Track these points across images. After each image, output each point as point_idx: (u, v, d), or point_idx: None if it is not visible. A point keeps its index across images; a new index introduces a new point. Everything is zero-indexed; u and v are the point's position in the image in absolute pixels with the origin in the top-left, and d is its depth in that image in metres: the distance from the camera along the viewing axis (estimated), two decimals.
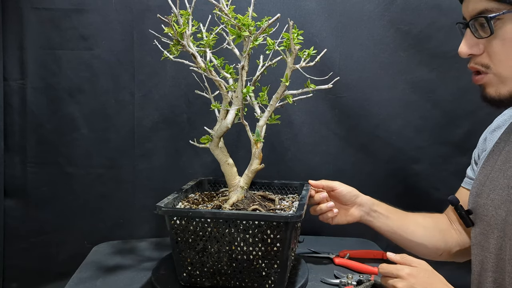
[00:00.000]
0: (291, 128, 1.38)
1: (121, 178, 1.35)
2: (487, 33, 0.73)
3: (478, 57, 0.77)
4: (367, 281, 0.99)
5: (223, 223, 0.87)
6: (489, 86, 0.77)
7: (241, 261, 0.89)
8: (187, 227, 0.88)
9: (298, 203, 1.01)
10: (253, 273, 0.90)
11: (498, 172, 0.83)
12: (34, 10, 1.28)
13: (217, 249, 0.89)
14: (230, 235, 0.88)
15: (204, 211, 0.88)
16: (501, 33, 0.72)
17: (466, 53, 0.77)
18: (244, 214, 0.90)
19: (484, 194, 0.85)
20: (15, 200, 1.33)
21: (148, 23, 1.26)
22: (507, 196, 0.79)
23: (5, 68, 1.30)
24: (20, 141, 1.32)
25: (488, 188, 0.85)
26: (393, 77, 1.36)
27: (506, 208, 0.79)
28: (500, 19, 0.71)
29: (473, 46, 0.76)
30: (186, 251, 0.90)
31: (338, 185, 1.09)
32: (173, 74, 1.32)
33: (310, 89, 0.94)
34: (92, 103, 1.32)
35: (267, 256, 0.88)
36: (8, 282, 1.35)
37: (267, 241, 0.87)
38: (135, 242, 1.31)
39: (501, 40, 0.72)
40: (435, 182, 1.38)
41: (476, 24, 0.74)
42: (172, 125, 1.35)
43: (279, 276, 0.89)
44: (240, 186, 0.99)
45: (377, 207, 1.08)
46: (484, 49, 0.75)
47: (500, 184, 0.82)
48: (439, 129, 1.38)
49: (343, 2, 1.33)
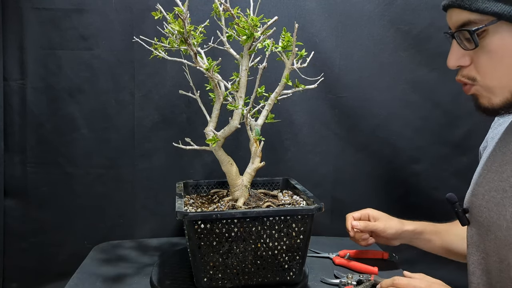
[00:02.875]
0: (291, 128, 1.38)
1: (121, 178, 1.35)
2: (472, 46, 0.72)
3: (465, 68, 0.76)
4: (367, 281, 0.99)
5: (249, 221, 0.88)
6: (481, 97, 0.76)
7: (265, 257, 0.91)
8: (212, 230, 0.87)
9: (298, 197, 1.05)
10: (276, 268, 0.92)
11: (494, 173, 0.83)
12: (34, 10, 1.28)
13: (242, 249, 0.89)
14: (256, 233, 0.89)
15: (234, 212, 0.88)
16: (485, 45, 0.71)
17: (454, 65, 0.76)
18: (273, 211, 0.91)
19: (479, 195, 0.85)
20: (15, 200, 1.33)
21: (148, 23, 1.26)
22: (500, 199, 0.79)
23: (5, 68, 1.30)
24: (20, 141, 1.32)
25: (483, 189, 0.84)
26: (393, 77, 1.36)
27: (499, 211, 0.78)
28: (485, 30, 0.70)
29: (460, 58, 0.75)
30: (209, 255, 0.88)
31: (382, 227, 1.07)
32: (173, 74, 1.32)
33: (300, 89, 0.97)
34: (92, 103, 1.32)
35: (291, 249, 0.91)
36: (8, 282, 1.34)
37: (292, 234, 0.91)
38: (135, 242, 1.31)
39: (487, 52, 0.71)
40: (435, 182, 1.38)
41: (461, 36, 0.73)
42: (172, 125, 1.35)
43: (299, 267, 0.94)
44: (244, 185, 1.00)
45: (419, 235, 1.07)
46: (471, 60, 0.74)
47: (495, 186, 0.81)
48: (439, 129, 1.38)
49: (343, 2, 1.33)
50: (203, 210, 0.97)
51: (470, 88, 0.76)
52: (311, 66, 1.33)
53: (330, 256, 1.17)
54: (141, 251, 1.23)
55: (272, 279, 0.93)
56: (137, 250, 1.24)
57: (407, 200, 1.39)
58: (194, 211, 0.93)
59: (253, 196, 1.00)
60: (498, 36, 0.69)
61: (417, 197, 1.39)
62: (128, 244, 1.29)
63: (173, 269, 1.05)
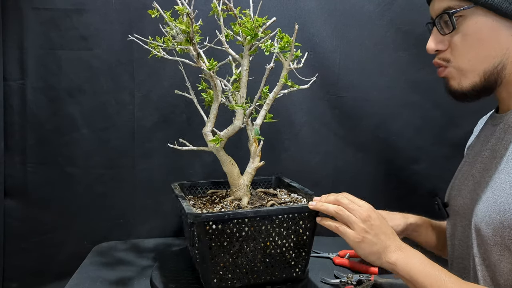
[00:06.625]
0: (291, 128, 1.38)
1: (121, 178, 1.35)
2: (450, 29, 0.77)
3: (442, 52, 0.81)
4: (367, 281, 0.99)
5: (260, 220, 0.89)
6: (452, 79, 0.81)
7: (274, 255, 0.92)
8: (223, 231, 0.87)
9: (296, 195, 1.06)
10: (284, 265, 0.93)
11: (468, 165, 0.87)
12: (34, 10, 1.28)
13: (252, 248, 0.90)
14: (266, 232, 0.90)
15: (246, 211, 0.88)
16: (462, 28, 0.76)
17: (433, 49, 0.81)
18: (283, 209, 0.91)
19: (455, 186, 0.89)
20: (15, 200, 1.33)
21: (148, 23, 1.26)
22: (472, 185, 0.82)
23: (5, 68, 1.30)
24: (20, 141, 1.32)
25: (458, 181, 0.88)
26: (393, 77, 1.36)
27: (471, 196, 0.81)
28: (462, 15, 0.76)
29: (439, 43, 0.80)
30: (219, 256, 0.88)
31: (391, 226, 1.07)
32: (172, 74, 1.32)
33: (294, 89, 0.98)
34: (92, 103, 1.32)
35: (297, 246, 0.93)
36: (8, 282, 1.34)
37: (299, 231, 0.92)
38: (135, 242, 1.31)
39: (462, 35, 0.77)
40: (435, 182, 1.38)
41: (441, 22, 0.79)
42: (172, 125, 1.35)
43: (305, 263, 0.96)
44: (245, 184, 1.01)
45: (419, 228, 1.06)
46: (448, 45, 0.80)
47: (467, 175, 0.85)
48: (439, 129, 1.38)
49: (343, 2, 1.33)
50: (208, 211, 0.97)
51: (444, 70, 0.82)
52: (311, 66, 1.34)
53: (330, 256, 1.17)
54: (141, 251, 1.23)
55: (280, 276, 0.94)
56: (137, 250, 1.24)
57: (407, 200, 1.39)
58: (206, 212, 0.92)
59: (255, 195, 1.01)
60: (474, 21, 0.75)
61: (417, 197, 1.39)
62: (128, 244, 1.29)
63: (174, 270, 1.05)
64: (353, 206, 0.80)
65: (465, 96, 0.80)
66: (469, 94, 0.79)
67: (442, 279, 0.72)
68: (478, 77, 0.77)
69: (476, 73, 0.77)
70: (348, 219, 0.79)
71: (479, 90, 0.78)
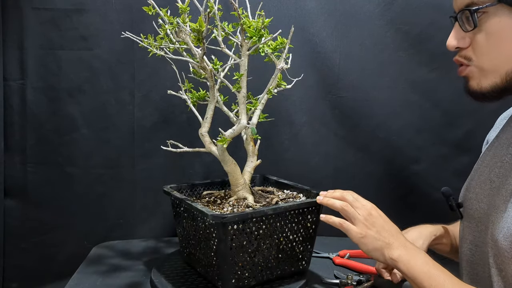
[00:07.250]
0: (291, 128, 1.38)
1: (121, 178, 1.35)
2: (472, 26, 0.74)
3: (464, 50, 0.78)
4: (367, 281, 0.99)
5: (275, 217, 0.91)
6: (472, 78, 0.78)
7: (285, 250, 0.95)
8: (243, 230, 0.88)
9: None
10: (293, 258, 0.98)
11: (486, 167, 0.84)
12: (34, 10, 1.28)
13: (268, 245, 0.92)
14: (280, 228, 0.92)
15: (265, 209, 0.90)
16: (485, 27, 0.73)
17: (453, 46, 0.78)
18: (297, 205, 0.94)
19: (471, 188, 0.86)
20: (15, 200, 1.33)
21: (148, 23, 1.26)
22: (489, 190, 0.80)
23: (5, 68, 1.30)
24: (20, 141, 1.32)
25: (475, 182, 0.86)
26: (393, 77, 1.36)
27: (488, 201, 0.79)
28: (485, 12, 0.72)
29: (460, 39, 0.77)
30: (238, 255, 0.88)
31: None
32: (173, 74, 1.31)
33: (281, 88, 1.02)
34: (92, 103, 1.32)
35: (305, 239, 0.98)
36: (8, 282, 1.34)
37: (307, 225, 0.98)
38: (135, 242, 1.31)
39: (485, 33, 0.73)
40: (435, 182, 1.38)
41: (463, 17, 0.75)
42: (172, 125, 1.35)
43: (310, 255, 1.01)
44: (247, 184, 1.02)
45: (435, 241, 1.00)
46: (470, 42, 0.77)
47: (485, 178, 0.83)
48: (439, 129, 1.38)
49: (343, 2, 1.33)
50: (221, 212, 0.95)
51: (465, 69, 0.79)
52: (311, 66, 1.34)
53: (330, 256, 1.17)
54: (141, 251, 1.23)
55: (289, 270, 0.97)
56: (137, 250, 1.24)
57: (407, 200, 1.39)
58: (229, 213, 0.91)
59: (256, 194, 1.03)
60: (497, 19, 0.72)
61: (417, 197, 1.39)
62: (128, 244, 1.29)
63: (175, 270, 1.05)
64: (357, 203, 0.84)
65: (484, 97, 0.76)
66: (488, 95, 0.76)
67: (442, 279, 0.72)
68: (500, 78, 0.74)
69: (498, 74, 0.74)
70: (352, 215, 0.82)
71: (499, 91, 0.75)
